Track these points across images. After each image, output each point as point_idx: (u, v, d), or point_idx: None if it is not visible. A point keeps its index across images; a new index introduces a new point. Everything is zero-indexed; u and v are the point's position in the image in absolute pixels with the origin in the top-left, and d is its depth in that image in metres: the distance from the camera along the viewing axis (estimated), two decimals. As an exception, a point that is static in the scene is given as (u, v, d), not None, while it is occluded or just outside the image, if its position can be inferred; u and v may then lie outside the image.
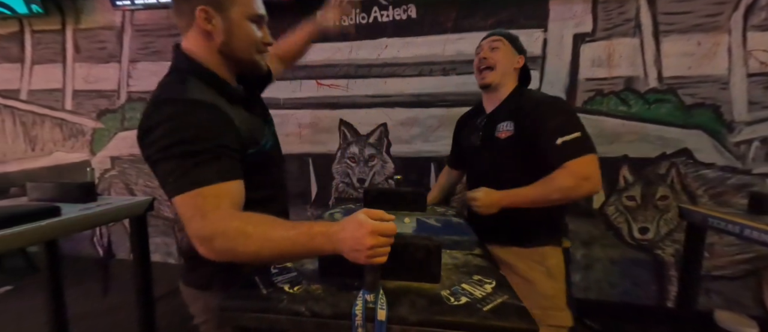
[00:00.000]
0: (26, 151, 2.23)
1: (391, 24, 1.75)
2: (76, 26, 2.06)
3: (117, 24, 2.01)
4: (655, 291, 1.64)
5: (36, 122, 2.19)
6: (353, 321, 0.46)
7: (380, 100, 1.80)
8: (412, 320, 0.46)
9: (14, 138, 2.23)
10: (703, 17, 1.48)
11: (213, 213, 0.50)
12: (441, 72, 1.74)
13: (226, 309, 0.50)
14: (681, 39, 1.51)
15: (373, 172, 1.86)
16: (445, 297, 0.50)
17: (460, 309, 0.47)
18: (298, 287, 0.53)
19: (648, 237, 1.63)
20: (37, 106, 2.18)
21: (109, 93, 2.09)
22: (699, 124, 1.53)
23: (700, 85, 1.52)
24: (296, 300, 0.49)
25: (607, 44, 1.58)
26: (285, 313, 0.48)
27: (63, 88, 2.13)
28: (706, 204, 1.56)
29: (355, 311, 0.46)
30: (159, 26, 1.97)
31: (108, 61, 2.05)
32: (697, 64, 1.51)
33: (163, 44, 1.98)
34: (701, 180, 1.56)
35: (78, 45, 2.08)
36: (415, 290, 0.53)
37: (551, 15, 1.62)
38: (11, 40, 2.14)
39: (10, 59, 2.16)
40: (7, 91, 2.19)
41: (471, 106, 1.74)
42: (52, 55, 2.11)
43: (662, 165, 1.58)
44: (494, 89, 1.01)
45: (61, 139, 2.18)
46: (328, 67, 1.83)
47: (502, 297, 0.50)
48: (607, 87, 1.60)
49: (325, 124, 1.87)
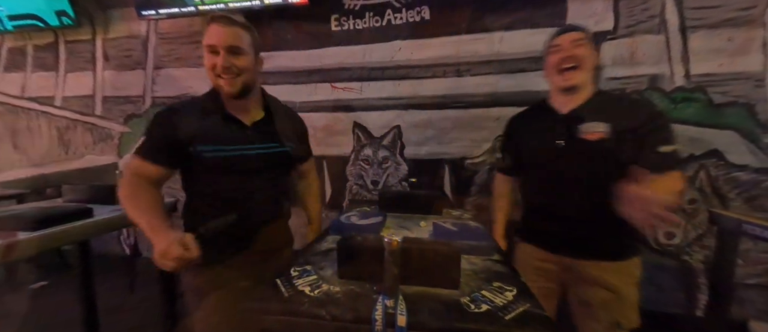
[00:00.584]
0: (60, 154, 2.36)
1: (405, 26, 1.75)
2: (105, 36, 2.17)
3: (142, 33, 2.11)
4: (682, 298, 1.57)
5: (69, 127, 2.32)
6: (373, 325, 0.46)
7: (394, 102, 1.81)
8: (432, 326, 0.46)
9: (50, 142, 2.37)
10: (736, 11, 1.41)
11: (125, 172, 0.82)
12: (455, 73, 1.72)
13: (249, 311, 0.51)
14: (711, 34, 1.44)
15: (386, 174, 1.86)
16: (465, 304, 0.50)
17: (481, 316, 0.47)
18: (319, 290, 0.54)
19: (674, 242, 1.56)
20: (70, 112, 2.31)
21: (135, 98, 2.19)
22: (731, 123, 1.45)
23: (732, 83, 1.44)
24: (317, 303, 0.51)
25: (629, 42, 1.52)
26: (306, 316, 0.49)
27: (93, 95, 2.25)
28: (738, 207, 1.47)
29: (375, 316, 0.47)
30: (181, 34, 2.05)
31: (134, 68, 2.15)
32: (729, 61, 1.44)
33: (185, 51, 2.06)
34: (733, 182, 1.48)
35: (107, 53, 2.19)
36: (434, 296, 0.53)
37: (570, 13, 1.57)
38: (47, 51, 2.28)
39: (45, 68, 2.30)
40: (43, 98, 2.33)
41: (486, 106, 1.71)
42: (83, 63, 2.24)
43: (690, 166, 1.51)
44: (576, 90, 0.93)
45: (91, 142, 2.30)
46: (342, 70, 1.85)
47: (524, 306, 0.50)
48: (629, 86, 1.54)
49: (339, 127, 1.89)
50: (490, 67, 1.68)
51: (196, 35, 2.03)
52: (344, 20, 1.81)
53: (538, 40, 1.60)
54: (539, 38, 1.60)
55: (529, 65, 1.64)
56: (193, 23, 2.02)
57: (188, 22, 2.01)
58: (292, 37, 1.89)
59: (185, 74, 2.07)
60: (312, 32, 1.86)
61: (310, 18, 1.84)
